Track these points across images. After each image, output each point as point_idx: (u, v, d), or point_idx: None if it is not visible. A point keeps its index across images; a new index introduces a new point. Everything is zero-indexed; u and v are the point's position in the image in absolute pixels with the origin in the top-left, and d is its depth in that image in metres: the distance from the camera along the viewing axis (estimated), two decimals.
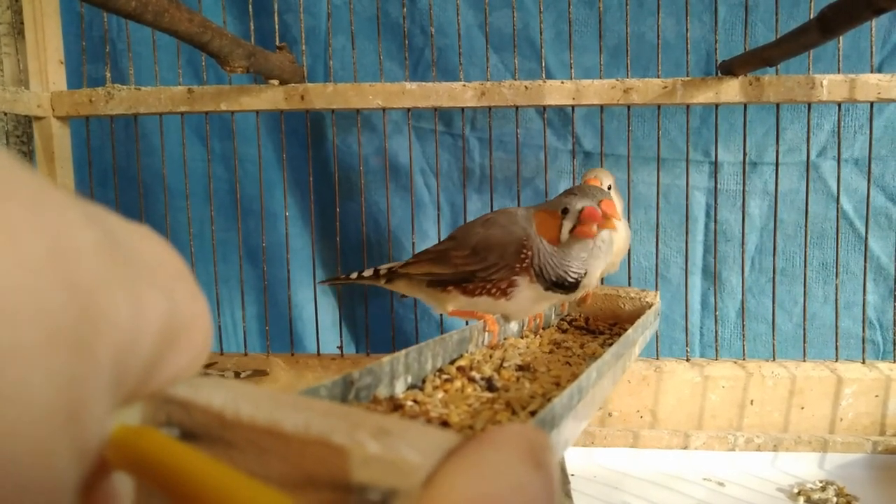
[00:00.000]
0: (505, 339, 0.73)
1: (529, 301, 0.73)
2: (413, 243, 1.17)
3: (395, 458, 0.15)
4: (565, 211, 0.70)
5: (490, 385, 0.51)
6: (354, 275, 0.90)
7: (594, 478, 1.02)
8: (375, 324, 1.23)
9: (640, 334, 0.70)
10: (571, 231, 0.69)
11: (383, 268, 0.87)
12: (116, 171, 1.18)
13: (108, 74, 1.16)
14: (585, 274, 0.72)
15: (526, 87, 1.08)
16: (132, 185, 1.17)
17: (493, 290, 0.72)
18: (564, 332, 0.83)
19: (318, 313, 1.18)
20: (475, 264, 0.74)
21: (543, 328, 0.83)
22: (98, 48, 1.21)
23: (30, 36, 1.13)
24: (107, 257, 0.15)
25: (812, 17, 0.74)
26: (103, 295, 0.14)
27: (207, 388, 0.19)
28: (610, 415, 1.10)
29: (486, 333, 0.68)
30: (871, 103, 1.05)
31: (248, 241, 1.24)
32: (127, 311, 0.15)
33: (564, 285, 0.71)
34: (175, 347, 0.17)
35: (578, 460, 1.05)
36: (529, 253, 0.71)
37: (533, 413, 0.45)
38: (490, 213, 0.80)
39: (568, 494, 0.73)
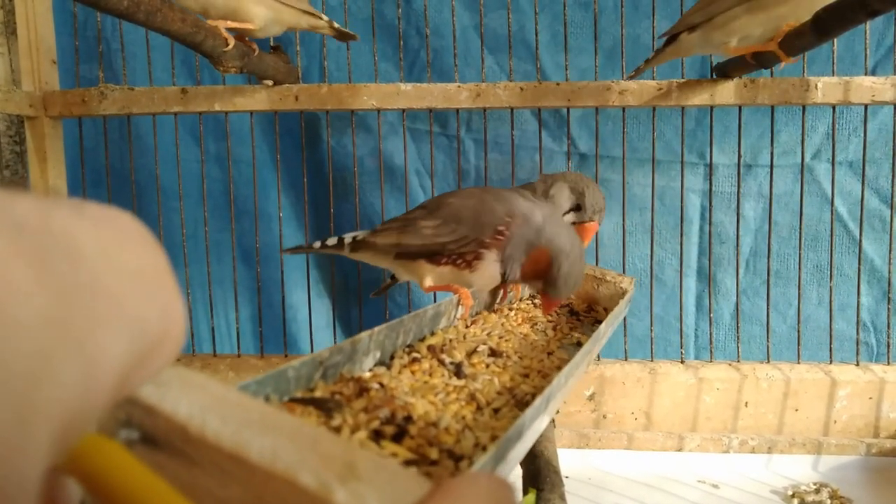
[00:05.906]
0: (478, 312, 0.72)
1: (492, 277, 0.72)
2: None
3: None
4: (559, 267, 0.69)
5: (458, 371, 0.50)
6: (318, 244, 0.88)
7: (588, 480, 1.01)
8: (369, 325, 1.22)
9: (610, 326, 0.70)
10: (542, 289, 0.71)
11: (348, 236, 0.85)
12: (109, 171, 1.17)
13: (102, 74, 1.16)
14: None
15: (521, 89, 1.08)
16: (125, 186, 1.16)
17: (459, 262, 0.71)
18: (538, 307, 0.81)
19: (312, 315, 1.17)
20: (446, 236, 0.72)
21: (520, 299, 0.82)
22: (91, 48, 1.20)
23: (22, 35, 1.12)
24: (54, 314, 0.13)
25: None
26: (47, 364, 0.13)
27: (174, 388, 0.18)
28: (604, 417, 1.10)
29: (459, 307, 0.67)
30: (866, 106, 1.05)
31: (242, 242, 1.24)
32: (78, 371, 0.14)
33: (504, 278, 0.72)
34: (143, 365, 0.16)
35: (572, 462, 1.05)
36: (506, 234, 0.70)
37: (496, 411, 0.45)
38: (472, 188, 0.79)
39: (562, 497, 0.73)
